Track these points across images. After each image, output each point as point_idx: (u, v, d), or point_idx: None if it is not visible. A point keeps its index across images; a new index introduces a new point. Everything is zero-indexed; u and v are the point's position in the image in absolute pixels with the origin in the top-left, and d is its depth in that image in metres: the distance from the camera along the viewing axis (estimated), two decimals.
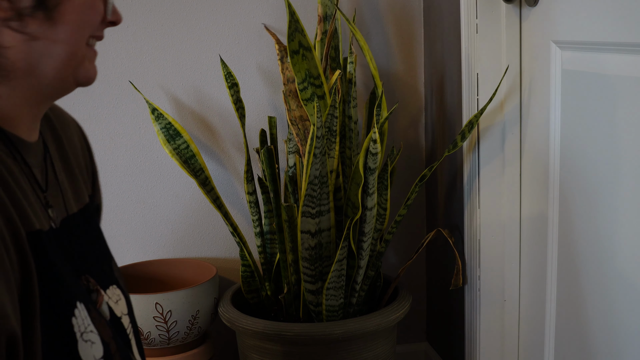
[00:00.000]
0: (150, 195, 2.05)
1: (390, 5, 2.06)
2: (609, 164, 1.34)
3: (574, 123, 1.45)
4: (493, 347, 1.79)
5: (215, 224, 2.10)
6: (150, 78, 1.99)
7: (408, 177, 2.13)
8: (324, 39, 1.79)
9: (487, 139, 1.72)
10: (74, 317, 0.81)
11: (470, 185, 1.77)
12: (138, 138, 2.01)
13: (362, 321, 1.72)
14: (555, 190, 1.54)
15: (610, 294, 1.37)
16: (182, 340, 1.84)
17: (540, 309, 1.65)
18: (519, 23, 1.65)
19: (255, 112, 2.05)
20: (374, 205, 1.73)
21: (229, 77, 1.87)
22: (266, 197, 1.89)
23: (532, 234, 1.68)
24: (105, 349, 0.85)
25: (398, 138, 2.12)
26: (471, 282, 1.80)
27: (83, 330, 0.82)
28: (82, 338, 0.82)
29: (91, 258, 0.93)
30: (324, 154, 1.65)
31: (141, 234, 2.06)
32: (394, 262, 2.15)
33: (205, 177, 1.86)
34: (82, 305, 0.83)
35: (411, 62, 2.11)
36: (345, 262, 1.73)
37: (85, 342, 0.82)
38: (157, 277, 2.01)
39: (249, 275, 1.93)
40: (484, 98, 1.68)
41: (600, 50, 1.34)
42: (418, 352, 2.25)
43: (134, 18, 1.95)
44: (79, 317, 0.82)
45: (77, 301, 0.83)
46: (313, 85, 1.71)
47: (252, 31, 2.01)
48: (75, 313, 0.82)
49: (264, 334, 1.71)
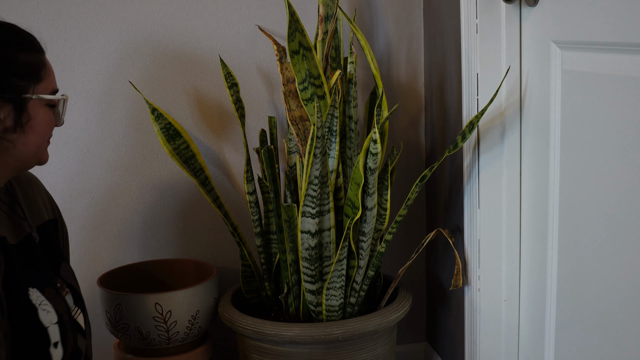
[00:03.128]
0: (150, 195, 2.05)
1: (390, 5, 2.06)
2: (609, 163, 1.34)
3: (574, 123, 1.45)
4: (493, 347, 1.79)
5: (215, 224, 2.10)
6: (150, 78, 1.99)
7: (408, 177, 2.13)
8: (325, 39, 1.79)
9: (487, 139, 1.72)
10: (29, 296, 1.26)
11: (471, 186, 1.77)
12: (138, 138, 2.01)
13: (362, 321, 1.72)
14: (555, 190, 1.54)
15: (610, 294, 1.37)
16: (182, 340, 1.84)
17: (540, 309, 1.65)
18: (519, 23, 1.65)
19: (255, 112, 2.05)
20: (374, 205, 1.73)
21: (228, 77, 1.87)
22: (266, 197, 1.89)
23: (532, 234, 1.68)
24: (58, 317, 1.29)
25: (398, 138, 2.12)
26: (471, 282, 1.80)
27: (39, 302, 1.27)
28: (41, 307, 1.26)
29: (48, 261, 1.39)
30: (324, 154, 1.65)
31: (141, 234, 2.06)
32: (394, 262, 2.15)
33: (205, 177, 1.86)
34: (34, 289, 1.27)
35: (411, 62, 2.11)
36: (345, 262, 1.73)
37: (43, 310, 1.26)
38: (157, 277, 2.01)
39: (249, 275, 1.93)
40: (484, 98, 1.68)
41: (600, 50, 1.34)
42: (418, 352, 2.25)
43: (133, 18, 1.95)
44: (33, 295, 1.27)
45: (29, 287, 1.27)
46: (313, 85, 1.71)
47: (252, 31, 2.01)
48: (29, 292, 1.26)
49: (263, 333, 1.71)
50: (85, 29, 1.94)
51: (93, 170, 2.00)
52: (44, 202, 1.47)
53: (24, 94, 1.23)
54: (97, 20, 1.94)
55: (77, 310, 1.40)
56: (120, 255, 2.05)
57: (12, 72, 1.22)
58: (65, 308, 1.34)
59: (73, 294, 1.41)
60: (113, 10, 1.94)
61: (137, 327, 1.79)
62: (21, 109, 1.23)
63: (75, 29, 1.93)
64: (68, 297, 1.39)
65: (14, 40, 1.24)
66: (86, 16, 1.93)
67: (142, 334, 1.80)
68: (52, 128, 1.32)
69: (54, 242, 1.45)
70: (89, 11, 1.93)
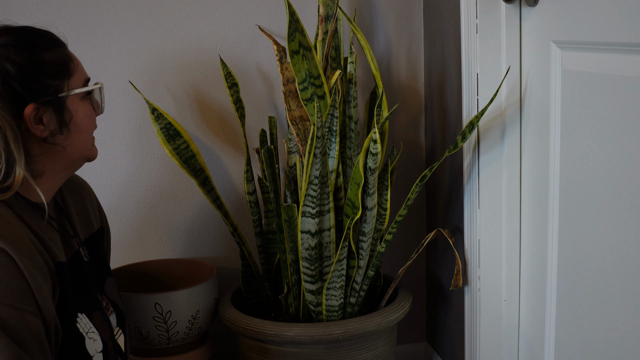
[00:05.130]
0: (150, 195, 2.05)
1: (390, 5, 2.06)
2: (608, 163, 1.34)
3: (574, 123, 1.45)
4: (493, 347, 1.79)
5: (215, 224, 2.10)
6: (150, 78, 1.99)
7: (408, 177, 2.13)
8: (325, 39, 1.79)
9: (487, 139, 1.72)
10: (77, 323, 1.22)
11: (471, 186, 1.77)
12: (138, 138, 2.01)
13: (362, 321, 1.72)
14: (555, 190, 1.54)
15: (611, 294, 1.37)
16: (182, 340, 1.84)
17: (540, 309, 1.65)
18: (519, 23, 1.65)
19: (255, 112, 2.05)
20: (374, 205, 1.73)
21: (229, 77, 1.87)
22: (266, 197, 1.90)
23: (532, 234, 1.69)
24: (103, 345, 1.26)
25: (398, 138, 2.12)
26: (471, 282, 1.80)
27: (87, 330, 1.23)
28: (88, 336, 1.23)
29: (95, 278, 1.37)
30: (324, 154, 1.65)
31: (141, 234, 2.06)
32: (394, 262, 2.15)
33: (205, 177, 1.86)
34: (82, 314, 1.24)
35: (411, 62, 2.11)
36: (345, 262, 1.73)
37: (90, 339, 1.23)
38: (157, 277, 2.01)
39: (249, 275, 1.93)
40: (484, 98, 1.68)
41: (600, 50, 1.34)
42: (418, 352, 2.25)
43: (134, 18, 1.96)
44: (81, 322, 1.23)
45: (78, 312, 1.23)
46: (313, 85, 1.71)
47: (252, 31, 2.01)
48: (78, 319, 1.22)
49: (264, 333, 1.71)
50: (85, 29, 1.94)
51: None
52: (94, 209, 1.46)
53: (60, 93, 1.20)
54: (96, 20, 1.94)
55: (119, 331, 1.38)
56: (120, 256, 2.05)
57: (42, 74, 1.18)
58: (110, 334, 1.31)
59: (117, 314, 1.40)
60: (113, 10, 1.94)
61: (137, 327, 1.79)
62: (61, 108, 1.20)
63: (75, 29, 1.93)
64: (112, 317, 1.38)
65: (34, 41, 1.20)
66: (86, 16, 1.93)
67: (142, 334, 1.80)
68: (95, 119, 1.29)
69: (101, 254, 1.42)
70: (89, 11, 1.93)
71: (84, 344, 1.21)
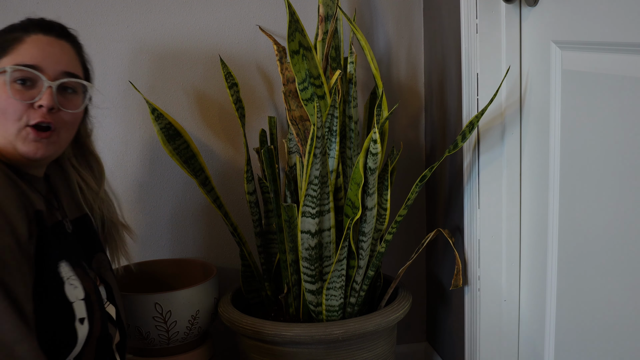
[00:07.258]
0: (150, 195, 2.05)
1: (390, 5, 2.06)
2: (608, 164, 1.34)
3: (574, 123, 1.45)
4: (493, 347, 1.79)
5: (215, 224, 2.10)
6: (150, 78, 1.99)
7: (408, 177, 2.13)
8: (325, 39, 1.79)
9: (487, 139, 1.72)
10: (59, 268, 1.24)
11: (471, 186, 1.77)
12: (138, 138, 2.01)
13: (362, 321, 1.72)
14: (555, 190, 1.54)
15: (611, 294, 1.37)
16: (182, 340, 1.84)
17: (540, 309, 1.65)
18: (519, 23, 1.65)
19: (255, 112, 2.05)
20: (374, 205, 1.73)
21: (229, 77, 1.87)
22: (266, 197, 1.90)
23: (532, 234, 1.69)
24: (85, 293, 1.27)
25: (398, 138, 2.12)
26: (471, 282, 1.80)
27: (68, 277, 1.25)
28: (68, 282, 1.24)
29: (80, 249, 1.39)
30: (324, 154, 1.65)
31: (141, 234, 2.06)
32: (394, 262, 2.15)
33: (205, 177, 1.86)
34: (65, 262, 1.26)
35: (411, 62, 2.11)
36: (345, 262, 1.73)
37: (70, 285, 1.25)
38: (157, 277, 2.01)
39: (249, 275, 1.93)
40: (484, 98, 1.68)
41: (600, 50, 1.34)
42: (418, 352, 2.25)
43: (134, 18, 1.96)
44: (63, 270, 1.25)
45: (60, 260, 1.25)
46: (313, 85, 1.71)
47: (252, 31, 2.01)
48: (60, 265, 1.24)
49: (263, 333, 1.71)
50: (85, 29, 1.94)
51: None
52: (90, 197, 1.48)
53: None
54: (97, 21, 1.94)
55: (108, 303, 1.40)
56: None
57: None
58: (93, 287, 1.31)
59: (106, 287, 1.41)
60: (113, 10, 1.94)
61: (137, 327, 1.79)
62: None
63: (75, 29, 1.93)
64: (101, 289, 1.38)
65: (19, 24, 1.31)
66: (86, 16, 1.93)
67: (142, 334, 1.80)
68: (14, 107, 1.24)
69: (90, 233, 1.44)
70: (89, 11, 1.93)
71: (63, 288, 1.23)
